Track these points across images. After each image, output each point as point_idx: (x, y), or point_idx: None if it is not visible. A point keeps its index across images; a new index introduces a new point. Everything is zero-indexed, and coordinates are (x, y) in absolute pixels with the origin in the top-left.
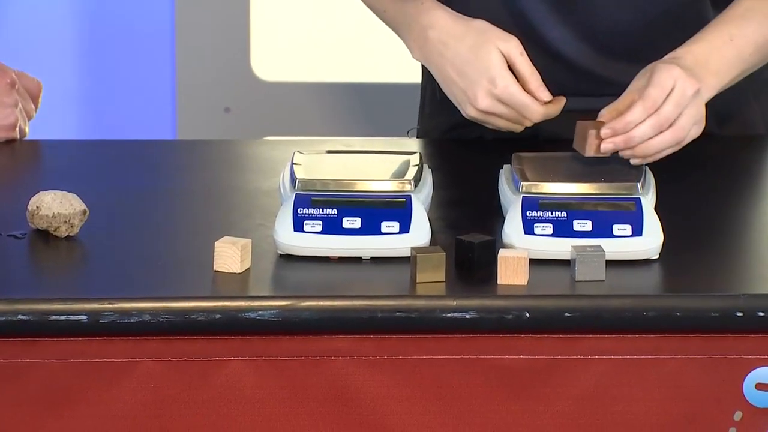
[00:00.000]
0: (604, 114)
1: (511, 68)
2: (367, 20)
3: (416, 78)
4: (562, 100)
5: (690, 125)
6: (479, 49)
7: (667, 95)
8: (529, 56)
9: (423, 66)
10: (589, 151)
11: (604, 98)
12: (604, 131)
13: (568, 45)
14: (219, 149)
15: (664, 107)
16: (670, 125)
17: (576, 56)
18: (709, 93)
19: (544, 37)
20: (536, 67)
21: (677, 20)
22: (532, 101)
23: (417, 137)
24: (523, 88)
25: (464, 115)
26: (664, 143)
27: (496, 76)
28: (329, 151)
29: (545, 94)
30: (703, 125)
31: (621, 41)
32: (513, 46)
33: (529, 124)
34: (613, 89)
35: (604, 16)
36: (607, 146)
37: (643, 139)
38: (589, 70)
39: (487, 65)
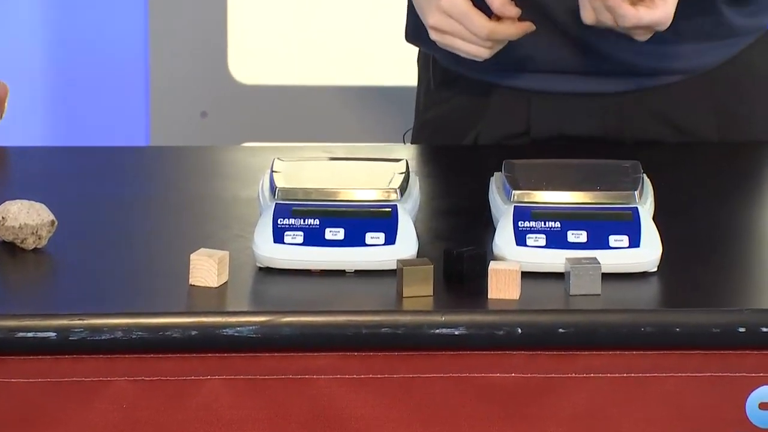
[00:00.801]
0: None
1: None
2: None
3: (401, 81)
4: (524, 24)
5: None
6: None
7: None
8: (537, 31)
9: (418, 65)
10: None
11: (607, 77)
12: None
13: (574, 19)
14: (195, 156)
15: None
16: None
17: (582, 31)
18: None
19: (550, 11)
20: (539, 41)
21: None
22: (477, 13)
23: (412, 139)
24: (492, 8)
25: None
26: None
27: None
28: (311, 158)
29: (507, 10)
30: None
31: None
32: None
33: (482, 43)
34: (616, 67)
35: None
36: (588, 18)
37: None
38: (594, 46)
39: None
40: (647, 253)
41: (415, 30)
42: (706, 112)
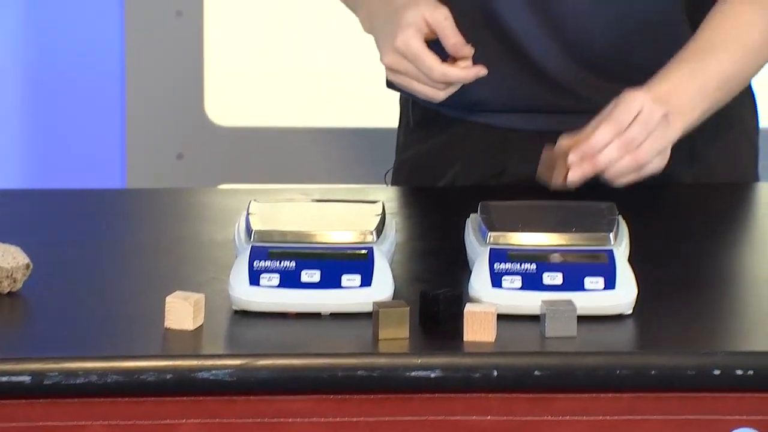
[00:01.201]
0: (564, 141)
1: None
2: (327, 63)
3: (378, 123)
4: (476, 69)
5: (655, 152)
6: (405, 9)
7: (634, 118)
8: (509, 70)
9: (400, 104)
10: (557, 180)
11: (583, 115)
12: (570, 157)
13: (550, 59)
14: (171, 198)
15: (630, 128)
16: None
17: (558, 71)
18: (675, 133)
19: (526, 51)
20: (516, 81)
21: (653, 37)
22: (429, 55)
23: (392, 178)
24: (446, 49)
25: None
26: (626, 167)
27: (399, 30)
28: (287, 200)
29: (461, 50)
30: (667, 158)
31: (600, 56)
32: (439, 12)
33: (435, 85)
34: (591, 106)
35: (584, 28)
36: (574, 174)
37: (611, 163)
38: (569, 86)
39: (399, 22)
40: (623, 295)
41: None
42: (680, 154)
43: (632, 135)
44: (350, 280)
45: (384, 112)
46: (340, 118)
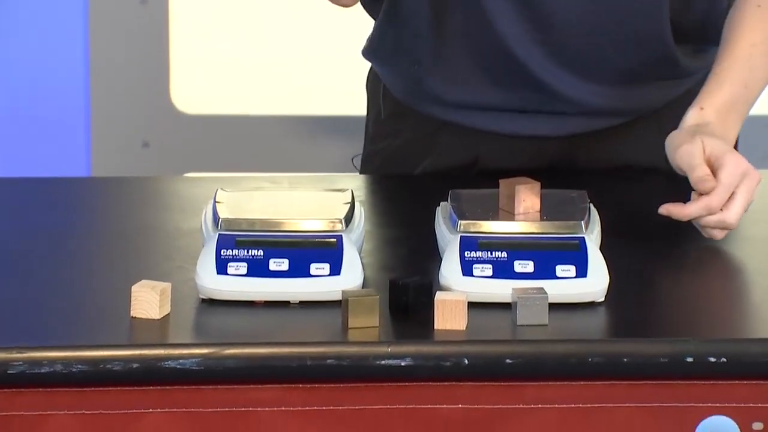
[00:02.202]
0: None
1: None
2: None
3: (346, 110)
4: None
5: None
6: None
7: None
8: (494, 71)
9: (367, 90)
10: (520, 209)
11: (561, 119)
12: (709, 223)
13: (534, 61)
14: (137, 186)
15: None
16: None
17: (541, 73)
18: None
19: (511, 52)
20: (499, 82)
21: (638, 40)
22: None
23: (361, 164)
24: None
25: None
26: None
27: None
28: (254, 189)
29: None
30: None
31: (584, 59)
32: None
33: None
34: (569, 107)
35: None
36: (714, 235)
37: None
38: (551, 86)
39: None
40: (594, 282)
41: (379, 50)
42: (655, 149)
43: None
44: (319, 268)
45: (352, 100)
46: (307, 105)
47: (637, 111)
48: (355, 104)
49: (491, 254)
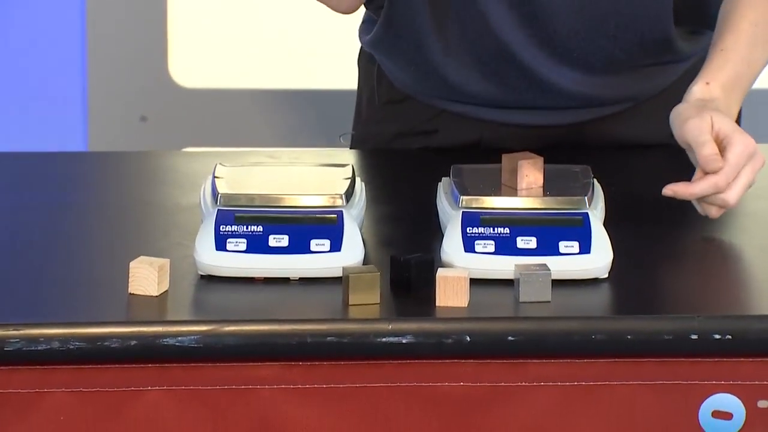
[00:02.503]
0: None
1: None
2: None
3: (347, 84)
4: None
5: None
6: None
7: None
8: (493, 66)
9: (359, 66)
10: (522, 184)
11: (566, 111)
12: (710, 201)
13: (529, 55)
14: (134, 161)
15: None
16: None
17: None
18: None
19: (509, 47)
20: (501, 81)
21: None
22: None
23: (351, 145)
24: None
25: None
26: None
27: None
28: (254, 164)
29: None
30: None
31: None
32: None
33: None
34: (572, 102)
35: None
36: (712, 214)
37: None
38: (555, 84)
39: None
40: (598, 259)
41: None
42: (658, 127)
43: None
44: (319, 244)
45: (353, 74)
46: (308, 79)
47: (636, 98)
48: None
49: (493, 230)
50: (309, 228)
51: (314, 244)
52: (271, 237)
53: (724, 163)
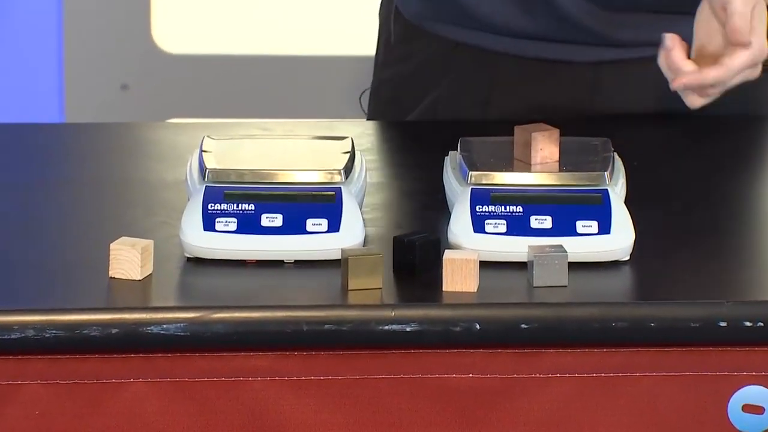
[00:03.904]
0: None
1: None
2: None
3: (346, 51)
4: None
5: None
6: None
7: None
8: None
9: (380, 11)
10: (536, 159)
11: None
12: (701, 81)
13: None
14: (115, 133)
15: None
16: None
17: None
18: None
19: None
20: (517, 8)
21: None
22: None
23: (370, 97)
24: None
25: None
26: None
27: None
28: (245, 137)
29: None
30: None
31: None
32: None
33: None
34: (592, 38)
35: None
36: (695, 99)
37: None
38: (573, 16)
39: None
40: (619, 239)
41: None
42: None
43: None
44: (316, 224)
45: (351, 39)
46: (302, 44)
47: (657, 46)
48: (358, 44)
49: (505, 208)
50: (305, 206)
51: (310, 223)
52: (263, 216)
53: (749, 43)
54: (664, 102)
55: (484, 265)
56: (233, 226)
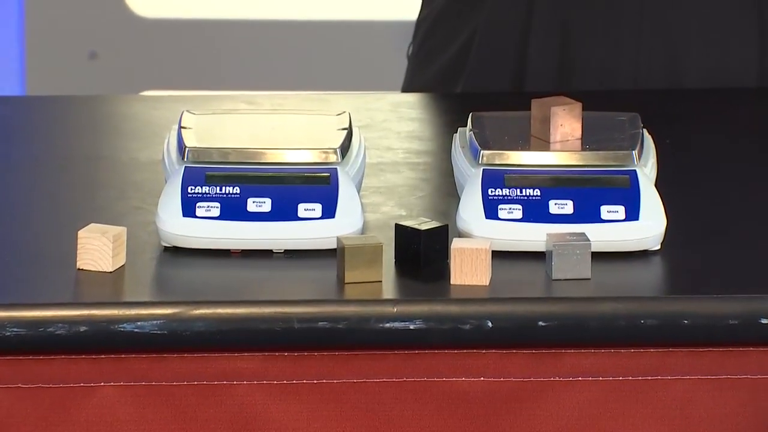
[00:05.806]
0: None
1: None
2: None
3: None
4: None
5: None
6: None
7: None
8: None
9: None
10: (556, 136)
11: None
12: None
13: None
14: (83, 107)
15: None
16: None
17: None
18: None
19: None
20: None
21: None
22: None
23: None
24: None
25: None
26: None
27: None
28: (228, 111)
29: None
30: None
31: None
32: None
33: None
34: None
35: None
36: None
37: None
38: None
39: None
40: (648, 227)
41: None
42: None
43: None
44: (308, 210)
45: (345, 1)
46: (292, 8)
47: None
48: (350, 7)
49: (521, 192)
50: (296, 189)
51: (302, 209)
52: (249, 200)
53: None
54: (718, 34)
55: (497, 255)
56: (216, 212)
